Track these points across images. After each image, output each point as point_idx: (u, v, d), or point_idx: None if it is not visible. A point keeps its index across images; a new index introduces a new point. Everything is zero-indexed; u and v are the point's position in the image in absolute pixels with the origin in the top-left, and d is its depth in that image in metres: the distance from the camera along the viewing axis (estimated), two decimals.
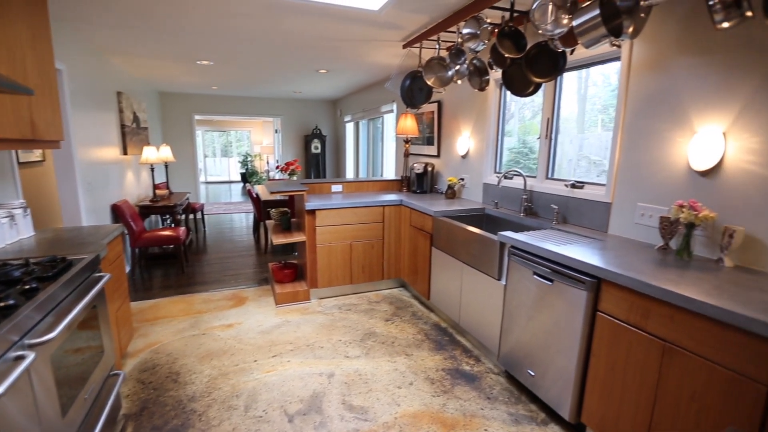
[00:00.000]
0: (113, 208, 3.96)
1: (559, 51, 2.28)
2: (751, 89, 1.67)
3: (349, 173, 8.19)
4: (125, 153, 4.54)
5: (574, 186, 2.58)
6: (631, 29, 1.76)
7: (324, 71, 5.12)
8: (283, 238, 3.43)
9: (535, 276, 2.08)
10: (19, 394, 1.08)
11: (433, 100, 4.16)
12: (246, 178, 11.92)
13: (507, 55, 2.31)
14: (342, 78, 5.68)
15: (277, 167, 6.59)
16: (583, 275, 1.80)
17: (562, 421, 2.03)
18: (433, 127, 4.27)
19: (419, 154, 4.65)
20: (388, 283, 3.87)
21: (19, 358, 1.09)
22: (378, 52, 3.99)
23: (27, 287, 1.32)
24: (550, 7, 1.99)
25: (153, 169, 4.94)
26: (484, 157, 3.46)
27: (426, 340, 2.86)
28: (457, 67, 2.88)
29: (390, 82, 3.75)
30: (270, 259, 4.86)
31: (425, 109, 4.36)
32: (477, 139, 3.55)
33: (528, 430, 1.97)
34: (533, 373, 2.13)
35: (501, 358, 2.40)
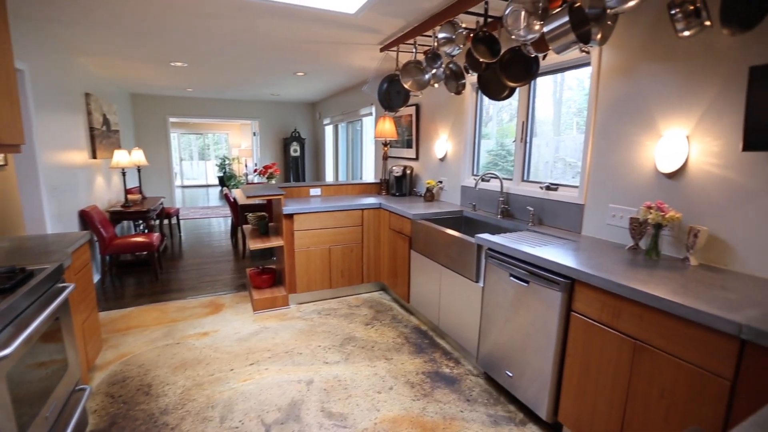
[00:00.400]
0: (81, 214, 3.81)
1: (532, 56, 2.32)
2: (712, 95, 1.74)
3: (329, 176, 8.14)
4: (94, 157, 4.37)
5: (548, 188, 2.63)
6: (599, 36, 1.82)
7: (302, 74, 5.07)
8: (260, 243, 3.37)
9: (511, 278, 2.10)
10: None
11: (411, 103, 4.18)
12: (224, 181, 11.68)
13: (481, 60, 2.34)
14: (320, 80, 5.65)
15: (255, 171, 6.49)
16: (557, 276, 1.83)
17: (540, 420, 2.06)
18: (411, 130, 4.28)
19: (398, 157, 4.66)
20: (368, 287, 3.85)
21: None
22: (356, 55, 3.98)
23: None
24: (523, 13, 2.03)
25: (124, 174, 4.77)
26: (462, 159, 3.49)
27: (406, 344, 2.86)
28: (434, 70, 2.90)
29: (368, 85, 3.75)
30: (248, 264, 4.76)
31: (404, 113, 4.37)
32: (454, 142, 3.59)
33: (506, 431, 1.99)
34: (511, 374, 2.15)
35: (480, 359, 2.42)
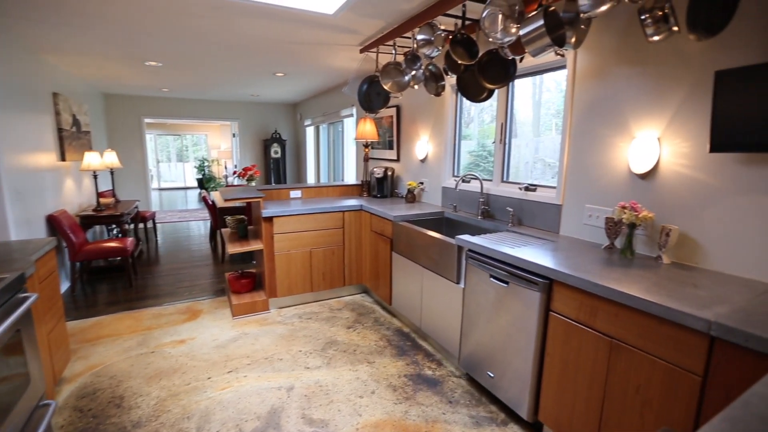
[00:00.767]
0: (49, 219, 3.65)
1: (509, 58, 2.35)
2: (680, 98, 1.79)
3: (311, 178, 8.06)
4: (63, 159, 4.19)
5: (527, 189, 2.66)
6: (573, 40, 1.84)
7: (281, 74, 5.00)
8: (239, 247, 3.30)
9: (491, 279, 2.11)
10: None
11: (392, 104, 4.17)
12: (203, 184, 11.42)
13: (460, 62, 2.35)
14: (300, 81, 5.59)
15: (235, 173, 6.37)
16: (536, 277, 1.85)
17: (521, 420, 2.07)
18: (392, 132, 4.28)
19: (379, 159, 4.65)
20: (349, 290, 3.82)
21: None
22: (335, 56, 3.95)
23: None
24: (500, 16, 2.05)
25: (96, 177, 4.60)
26: (443, 161, 3.51)
27: (388, 347, 2.84)
28: (413, 72, 2.90)
29: (347, 86, 3.73)
30: (228, 268, 4.66)
31: (384, 114, 4.36)
32: (435, 143, 3.60)
33: None
34: (492, 375, 2.16)
35: (462, 361, 2.42)
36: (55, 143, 4.07)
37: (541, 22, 1.72)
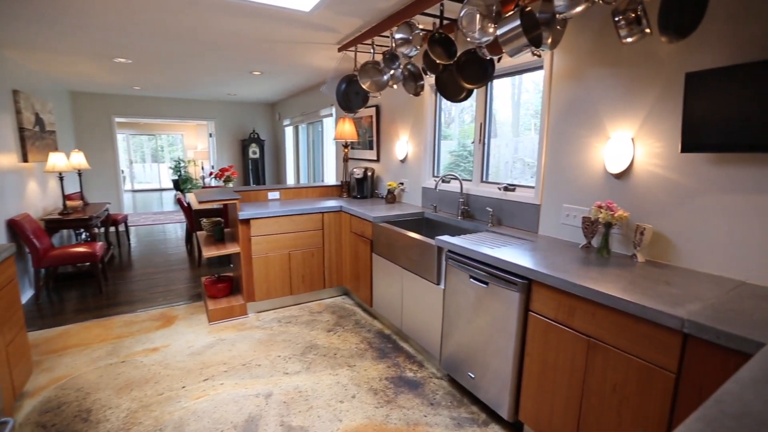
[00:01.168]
0: (10, 224, 3.45)
1: (487, 58, 2.34)
2: (653, 98, 1.83)
3: (290, 179, 7.94)
4: (25, 160, 3.98)
5: (506, 189, 2.68)
6: (549, 40, 1.85)
7: (258, 73, 4.89)
8: (215, 251, 3.20)
9: (471, 279, 2.11)
10: None
11: (371, 104, 4.14)
12: (178, 185, 11.10)
13: (438, 61, 2.34)
14: (278, 80, 5.48)
15: (211, 174, 6.21)
16: (515, 277, 1.85)
17: (502, 420, 2.08)
18: (372, 132, 4.24)
19: (359, 159, 4.61)
20: (330, 292, 3.77)
21: None
22: (313, 55, 3.89)
23: None
24: (477, 16, 2.04)
25: (62, 178, 4.39)
26: (423, 161, 3.49)
27: (369, 349, 2.81)
28: (392, 71, 2.87)
29: (326, 85, 3.67)
30: (204, 272, 4.53)
31: (364, 114, 4.32)
32: (415, 144, 3.58)
33: None
34: (473, 376, 2.15)
35: (443, 362, 2.41)
36: (15, 143, 3.85)
37: (517, 22, 1.72)
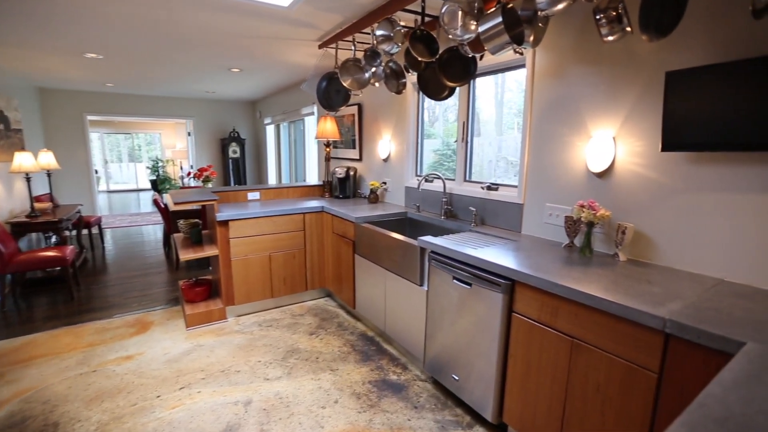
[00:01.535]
0: None
1: (469, 56, 2.32)
2: (634, 97, 1.83)
3: (272, 179, 7.81)
4: None
5: (489, 188, 2.66)
6: (531, 38, 1.84)
7: (237, 70, 4.77)
8: (192, 253, 3.09)
9: (454, 280, 2.08)
10: None
11: (353, 102, 4.08)
12: (156, 185, 10.79)
13: (420, 59, 2.30)
14: (258, 78, 5.36)
15: (189, 174, 6.03)
16: (498, 278, 1.83)
17: (486, 422, 2.06)
18: (354, 131, 4.18)
19: (342, 158, 4.54)
20: (312, 294, 3.70)
21: None
22: (293, 52, 3.80)
23: None
24: (459, 12, 2.01)
25: (29, 179, 4.18)
26: (405, 160, 3.46)
27: (352, 352, 2.75)
28: (374, 69, 2.82)
29: (306, 83, 3.59)
30: (182, 276, 4.39)
31: (346, 112, 4.26)
32: (398, 142, 3.54)
33: None
34: (457, 377, 2.13)
35: (427, 364, 2.38)
36: None
37: (499, 19, 1.69)
